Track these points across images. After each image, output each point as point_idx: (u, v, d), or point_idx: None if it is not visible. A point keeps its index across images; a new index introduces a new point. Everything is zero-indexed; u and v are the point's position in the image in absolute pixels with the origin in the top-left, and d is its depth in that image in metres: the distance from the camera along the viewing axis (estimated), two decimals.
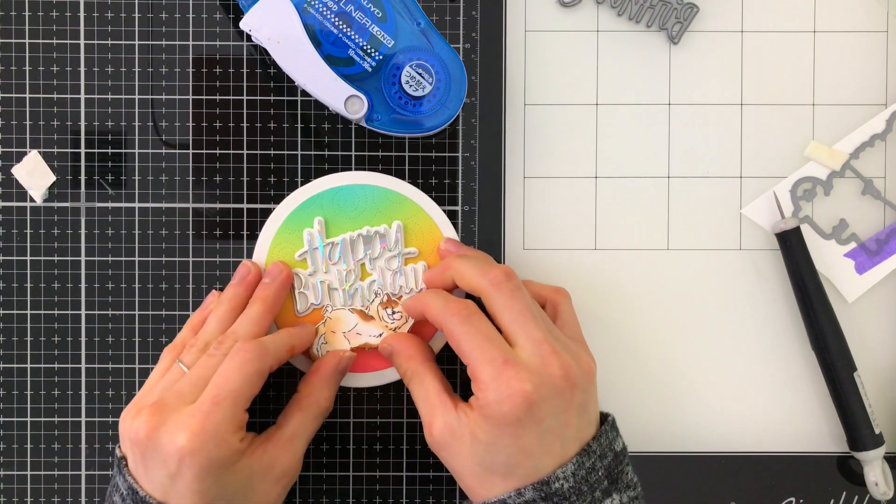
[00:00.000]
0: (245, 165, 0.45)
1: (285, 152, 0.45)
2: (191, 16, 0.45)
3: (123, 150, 0.45)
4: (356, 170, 0.45)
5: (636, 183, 0.46)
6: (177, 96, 0.45)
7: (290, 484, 0.40)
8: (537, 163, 0.45)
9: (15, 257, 0.45)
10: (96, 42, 0.44)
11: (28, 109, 0.45)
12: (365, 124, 0.43)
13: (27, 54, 0.44)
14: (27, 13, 0.44)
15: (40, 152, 0.45)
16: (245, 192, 0.45)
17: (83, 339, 0.45)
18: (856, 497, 0.45)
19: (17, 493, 0.45)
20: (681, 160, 0.46)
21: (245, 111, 0.45)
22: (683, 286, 0.46)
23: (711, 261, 0.46)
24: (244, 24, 0.41)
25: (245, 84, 0.45)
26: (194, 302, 0.45)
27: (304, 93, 0.45)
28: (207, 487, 0.36)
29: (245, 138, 0.45)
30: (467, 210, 0.45)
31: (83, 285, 0.45)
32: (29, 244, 0.45)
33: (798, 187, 0.45)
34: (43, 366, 0.45)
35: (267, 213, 0.44)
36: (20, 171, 0.45)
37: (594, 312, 0.46)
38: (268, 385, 0.45)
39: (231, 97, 0.45)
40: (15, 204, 0.45)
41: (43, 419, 0.45)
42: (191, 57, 0.45)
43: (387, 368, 0.44)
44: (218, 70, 0.45)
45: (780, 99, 0.46)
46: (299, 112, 0.45)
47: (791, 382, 0.46)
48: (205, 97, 0.45)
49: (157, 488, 0.37)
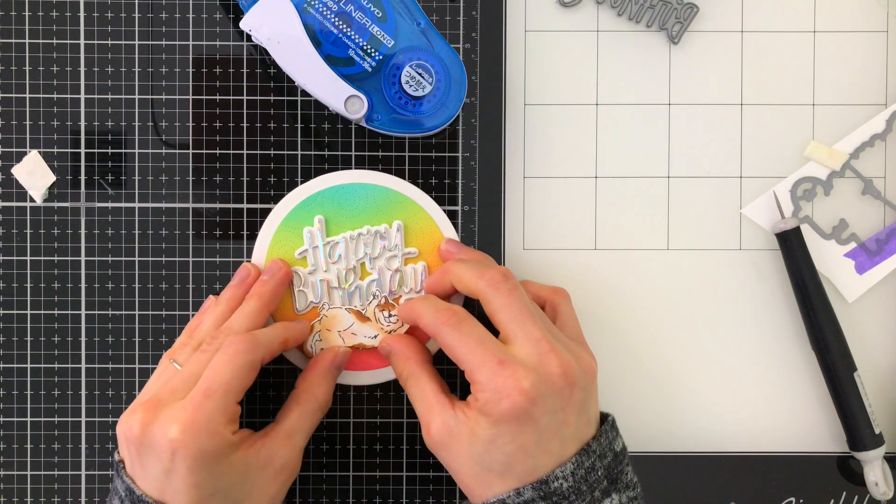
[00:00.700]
0: (245, 165, 0.45)
1: (285, 152, 0.45)
2: (191, 16, 0.45)
3: (123, 150, 0.45)
4: (357, 169, 0.45)
5: (636, 183, 0.46)
6: (177, 96, 0.45)
7: (290, 479, 0.40)
8: (537, 163, 0.45)
9: (15, 257, 0.45)
10: (96, 42, 0.44)
11: (28, 109, 0.45)
12: (365, 124, 0.43)
13: (27, 54, 0.44)
14: (27, 13, 0.44)
15: (40, 152, 0.45)
16: (245, 192, 0.45)
17: (83, 339, 0.45)
18: (856, 497, 0.45)
19: (17, 493, 0.45)
20: (681, 160, 0.46)
21: (245, 111, 0.45)
22: (683, 286, 0.46)
23: (711, 261, 0.46)
24: (244, 24, 0.41)
25: (245, 84, 0.45)
26: (194, 302, 0.45)
27: (304, 93, 0.45)
28: (202, 481, 0.36)
29: (245, 138, 0.45)
30: (467, 210, 0.45)
31: (83, 285, 0.45)
32: (29, 244, 0.45)
33: (798, 187, 0.45)
34: (43, 366, 0.45)
35: (267, 214, 0.44)
36: (20, 171, 0.45)
37: (594, 312, 0.45)
38: (267, 384, 0.45)
39: (231, 97, 0.45)
40: (15, 204, 0.45)
41: (43, 419, 0.45)
42: (191, 57, 0.45)
43: (384, 367, 0.44)
44: (218, 70, 0.45)
45: (780, 99, 0.46)
46: (299, 112, 0.45)
47: (791, 382, 0.46)
48: (205, 97, 0.45)
49: (153, 486, 0.37)
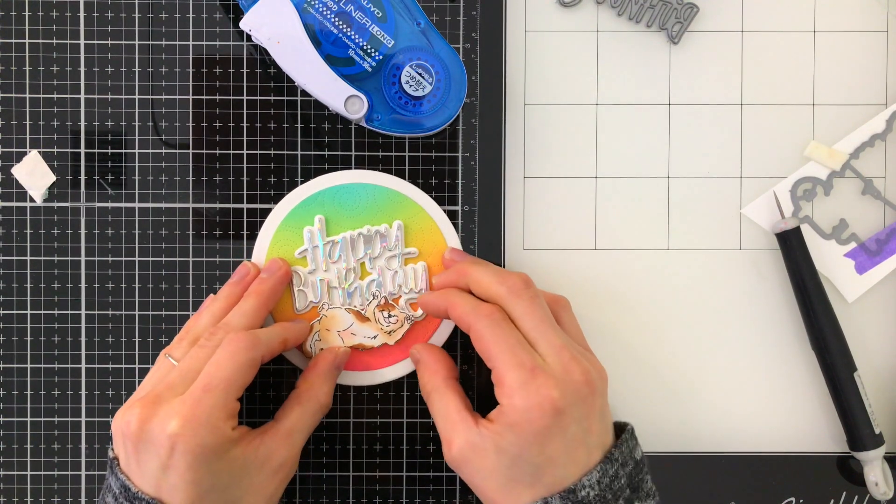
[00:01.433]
0: (245, 165, 0.45)
1: (285, 152, 0.45)
2: (191, 16, 0.45)
3: (123, 150, 0.45)
4: (356, 169, 0.45)
5: (636, 183, 0.46)
6: (177, 96, 0.45)
7: (288, 478, 0.40)
8: (537, 163, 0.45)
9: (15, 257, 0.45)
10: (96, 42, 0.44)
11: (28, 109, 0.45)
12: (365, 124, 0.43)
13: (27, 54, 0.44)
14: (27, 13, 0.44)
15: (40, 152, 0.45)
16: (245, 192, 0.45)
17: (83, 339, 0.45)
18: (856, 497, 0.45)
19: (17, 493, 0.45)
20: (681, 160, 0.46)
21: (245, 111, 0.45)
22: (683, 286, 0.46)
23: (711, 261, 0.46)
24: (244, 24, 0.41)
25: (245, 84, 0.45)
26: (194, 302, 0.45)
27: (304, 93, 0.45)
28: (200, 477, 0.36)
29: (245, 138, 0.45)
30: (467, 210, 0.45)
31: (83, 285, 0.45)
32: (29, 244, 0.45)
33: (798, 187, 0.45)
34: (43, 366, 0.45)
35: (267, 214, 0.44)
36: (20, 171, 0.45)
37: (593, 313, 0.45)
38: (267, 384, 0.45)
39: (231, 97, 0.45)
40: (15, 204, 0.45)
41: (43, 419, 0.45)
42: (191, 57, 0.45)
43: (383, 368, 0.44)
44: (218, 70, 0.45)
45: (780, 99, 0.46)
46: (299, 112, 0.45)
47: (791, 382, 0.46)
48: (205, 97, 0.45)
49: (149, 482, 0.36)
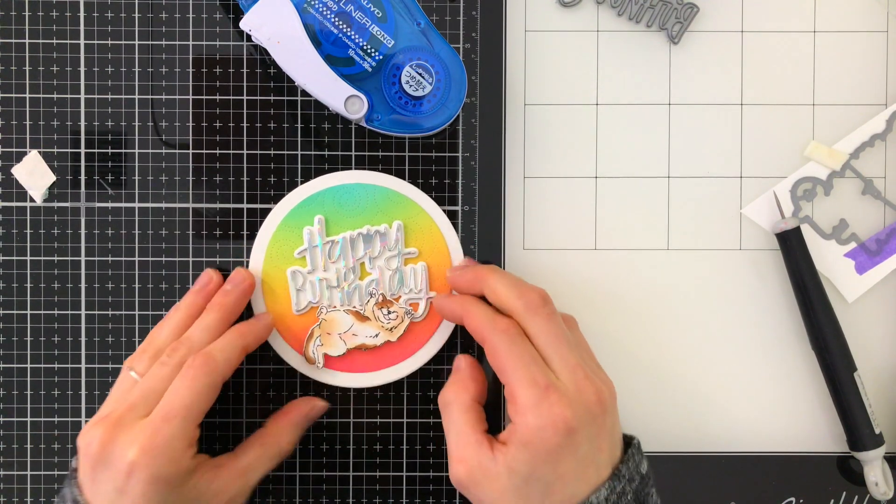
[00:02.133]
0: (245, 165, 0.45)
1: (285, 152, 0.45)
2: (191, 16, 0.45)
3: (123, 150, 0.45)
4: (356, 169, 0.45)
5: (636, 183, 0.46)
6: (177, 96, 0.45)
7: None
8: (537, 163, 0.45)
9: (15, 257, 0.45)
10: (96, 42, 0.44)
11: (28, 109, 0.45)
12: (365, 124, 0.43)
13: (27, 54, 0.44)
14: (27, 13, 0.44)
15: (40, 152, 0.45)
16: (245, 192, 0.45)
17: (83, 339, 0.45)
18: (856, 497, 0.45)
19: (17, 493, 0.45)
20: (681, 160, 0.46)
21: (245, 111, 0.45)
22: (683, 286, 0.46)
23: (711, 261, 0.46)
24: (244, 24, 0.41)
25: (245, 84, 0.45)
26: None
27: (304, 93, 0.45)
28: None
29: (245, 138, 0.45)
30: (467, 210, 0.45)
31: (83, 285, 0.45)
32: (29, 244, 0.45)
33: (798, 187, 0.45)
34: (43, 366, 0.45)
35: (267, 214, 0.44)
36: (20, 171, 0.45)
37: (593, 313, 0.45)
38: (267, 384, 0.45)
39: (231, 97, 0.45)
40: (15, 204, 0.45)
41: (43, 419, 0.45)
42: (191, 57, 0.45)
43: (383, 369, 0.44)
44: (218, 70, 0.45)
45: (780, 99, 0.46)
46: (299, 112, 0.45)
47: (791, 382, 0.46)
48: (205, 97, 0.45)
49: (101, 502, 0.37)
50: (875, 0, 0.45)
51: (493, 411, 0.44)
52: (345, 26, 0.42)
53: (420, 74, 0.42)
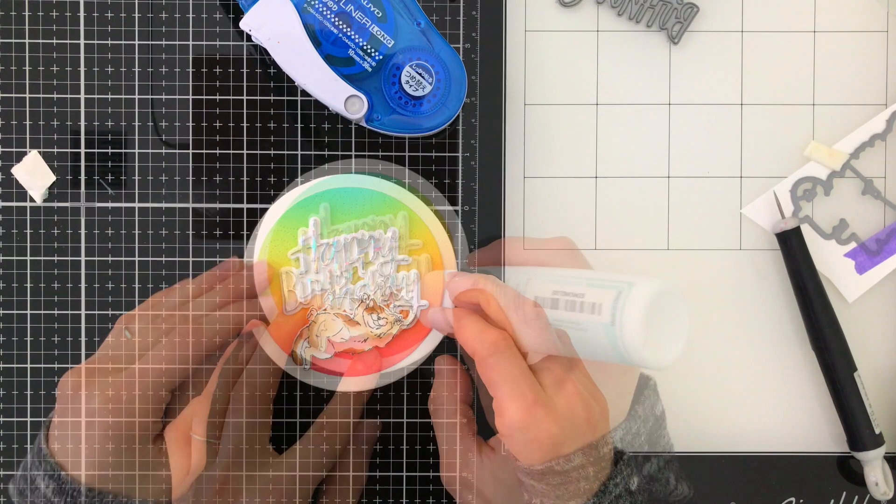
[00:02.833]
0: (245, 165, 0.45)
1: (285, 152, 0.45)
2: (191, 16, 0.45)
3: (123, 150, 0.45)
4: (356, 170, 0.45)
5: (636, 183, 0.46)
6: (177, 96, 0.45)
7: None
8: (537, 163, 0.45)
9: (15, 257, 0.45)
10: (96, 42, 0.44)
11: (28, 109, 0.45)
12: (365, 124, 0.43)
13: (27, 54, 0.44)
14: (27, 13, 0.44)
15: (40, 152, 0.45)
16: (245, 192, 0.45)
17: (83, 338, 0.45)
18: (856, 497, 0.45)
19: None
20: (681, 160, 0.46)
21: (245, 111, 0.45)
22: (683, 286, 0.46)
23: (711, 261, 0.46)
24: (244, 24, 0.41)
25: (245, 84, 0.45)
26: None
27: (304, 93, 0.45)
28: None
29: (245, 138, 0.45)
30: (467, 210, 0.45)
31: (83, 285, 0.45)
32: (29, 244, 0.45)
33: (798, 187, 0.45)
34: (43, 366, 0.45)
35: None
36: (20, 171, 0.45)
37: None
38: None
39: (231, 97, 0.45)
40: (15, 204, 0.45)
41: (43, 419, 0.45)
42: (191, 57, 0.45)
43: (380, 371, 0.44)
44: (218, 70, 0.45)
45: (780, 99, 0.46)
46: (299, 112, 0.45)
47: (791, 382, 0.46)
48: (205, 97, 0.45)
49: (63, 449, 0.39)
50: (875, 0, 0.45)
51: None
52: (345, 26, 0.42)
53: (420, 74, 0.42)
